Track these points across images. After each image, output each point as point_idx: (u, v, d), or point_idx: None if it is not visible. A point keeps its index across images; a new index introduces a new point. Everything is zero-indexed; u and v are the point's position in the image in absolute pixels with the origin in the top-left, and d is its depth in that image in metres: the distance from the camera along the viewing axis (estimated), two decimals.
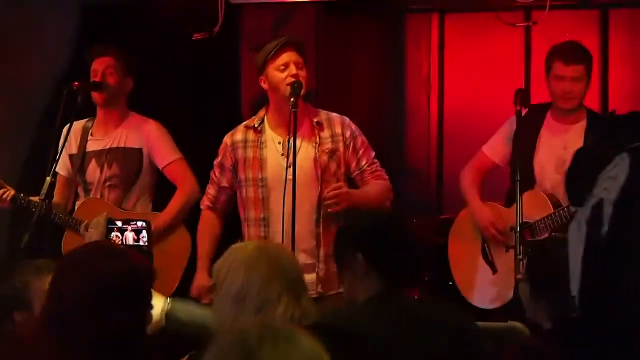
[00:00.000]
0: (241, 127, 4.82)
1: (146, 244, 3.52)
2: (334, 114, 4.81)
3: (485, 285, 5.12)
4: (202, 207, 4.95)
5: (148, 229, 3.53)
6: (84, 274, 2.65)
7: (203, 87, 5.96)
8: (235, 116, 5.95)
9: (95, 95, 5.23)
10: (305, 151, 4.64)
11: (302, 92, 4.63)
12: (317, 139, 4.69)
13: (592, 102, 5.93)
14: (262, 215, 4.68)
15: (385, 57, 6.31)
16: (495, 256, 5.12)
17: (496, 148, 5.24)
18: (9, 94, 5.98)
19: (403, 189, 6.30)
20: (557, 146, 4.97)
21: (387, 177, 4.84)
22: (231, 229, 4.90)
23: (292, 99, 4.56)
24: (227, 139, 4.83)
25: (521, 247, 4.53)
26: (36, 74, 6.07)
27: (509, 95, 5.02)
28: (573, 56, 5.03)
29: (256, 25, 5.95)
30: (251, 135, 4.76)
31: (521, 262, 4.44)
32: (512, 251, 4.80)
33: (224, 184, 4.84)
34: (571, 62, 5.01)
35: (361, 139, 4.79)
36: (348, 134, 4.75)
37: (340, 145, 4.73)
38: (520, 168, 4.82)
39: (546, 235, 4.83)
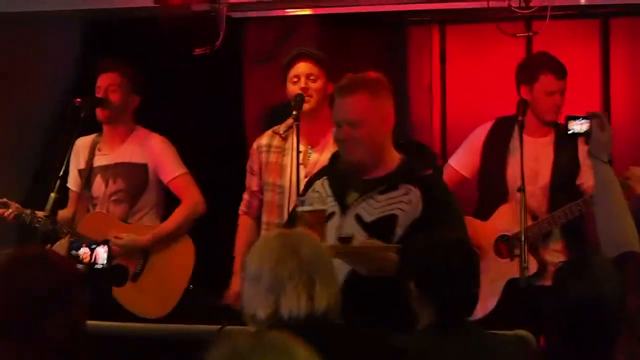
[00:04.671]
0: (269, 131, 4.90)
1: (104, 264, 3.58)
2: None
3: None
4: (239, 212, 4.99)
5: (108, 249, 3.60)
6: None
7: (206, 102, 5.97)
8: (239, 130, 5.98)
9: (98, 112, 5.19)
10: (323, 163, 4.57)
11: (310, 105, 4.66)
12: None
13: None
14: (277, 221, 4.71)
15: (387, 69, 6.29)
16: None
17: (464, 161, 5.19)
18: (16, 112, 6.01)
19: None
20: (529, 158, 4.79)
21: None
22: None
23: (293, 112, 4.60)
24: (255, 142, 4.92)
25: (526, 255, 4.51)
26: (42, 91, 6.10)
27: (511, 105, 5.02)
28: (562, 71, 5.00)
29: (258, 39, 5.97)
30: (276, 140, 4.83)
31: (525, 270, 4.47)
32: (489, 262, 4.84)
33: (254, 188, 4.91)
34: (562, 76, 4.99)
35: None
36: None
37: None
38: (495, 180, 4.85)
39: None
